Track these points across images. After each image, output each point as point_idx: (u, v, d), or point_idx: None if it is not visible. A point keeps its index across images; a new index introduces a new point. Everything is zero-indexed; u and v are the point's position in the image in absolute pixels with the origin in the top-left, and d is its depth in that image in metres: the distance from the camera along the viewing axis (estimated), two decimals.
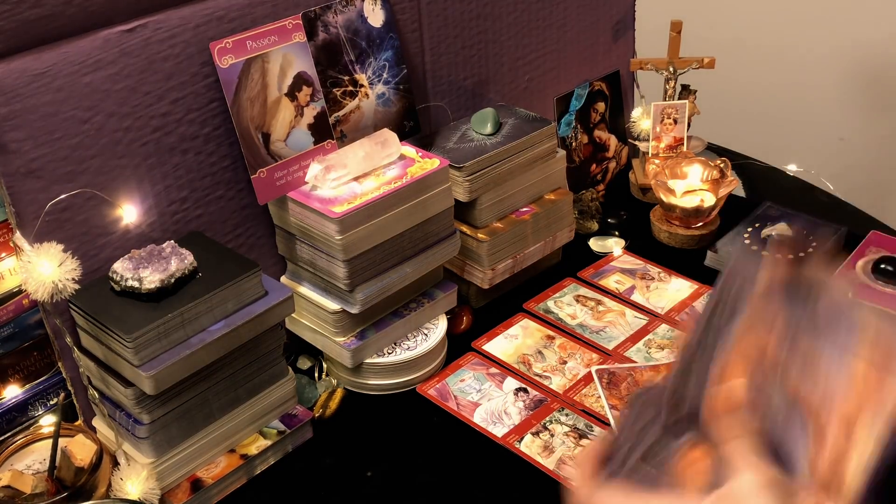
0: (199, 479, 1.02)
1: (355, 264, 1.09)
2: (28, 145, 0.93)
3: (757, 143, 1.73)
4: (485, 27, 1.36)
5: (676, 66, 1.53)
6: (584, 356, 1.21)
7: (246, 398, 1.05)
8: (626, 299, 1.32)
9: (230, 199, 1.13)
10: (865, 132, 2.17)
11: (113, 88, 0.98)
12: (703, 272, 1.37)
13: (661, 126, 1.53)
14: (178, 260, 0.96)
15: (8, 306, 1.04)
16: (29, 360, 1.08)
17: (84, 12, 0.95)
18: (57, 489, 0.93)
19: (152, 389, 0.92)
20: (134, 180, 1.03)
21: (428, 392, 1.17)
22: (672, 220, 1.45)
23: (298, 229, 1.13)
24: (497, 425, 1.11)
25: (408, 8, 1.25)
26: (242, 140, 1.07)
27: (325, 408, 1.14)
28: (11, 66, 0.91)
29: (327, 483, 1.05)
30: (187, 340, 0.95)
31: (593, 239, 1.46)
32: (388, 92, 1.21)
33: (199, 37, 1.04)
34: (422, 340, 1.19)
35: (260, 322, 1.00)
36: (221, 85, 1.05)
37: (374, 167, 1.14)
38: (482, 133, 1.28)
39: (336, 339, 1.15)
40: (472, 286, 1.30)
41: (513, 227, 1.28)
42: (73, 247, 0.96)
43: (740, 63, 2.04)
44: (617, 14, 1.58)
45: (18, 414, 1.08)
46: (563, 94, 1.49)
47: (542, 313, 1.30)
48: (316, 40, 1.13)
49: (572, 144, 1.51)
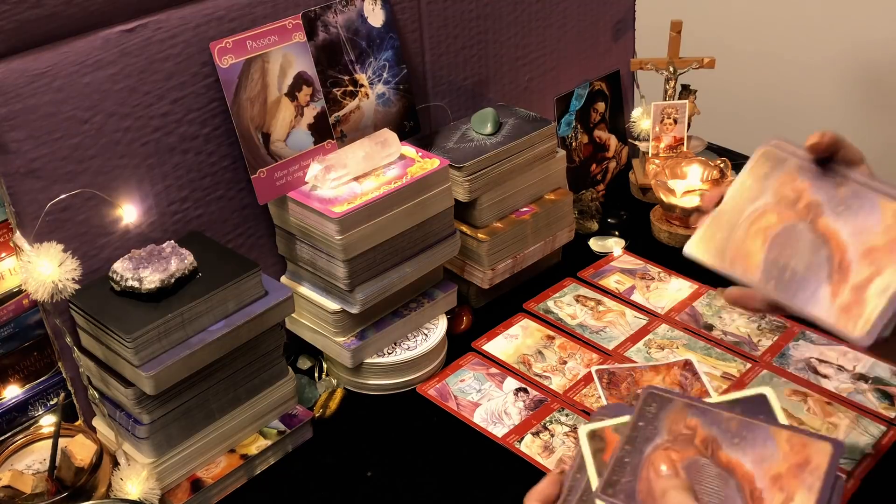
0: (199, 479, 1.02)
1: (355, 264, 1.09)
2: (28, 145, 0.93)
3: (757, 144, 1.73)
4: (485, 27, 1.36)
5: (676, 66, 1.53)
6: (584, 356, 1.21)
7: (246, 398, 1.05)
8: (626, 299, 1.32)
9: (230, 199, 1.13)
10: (865, 132, 2.17)
11: (113, 88, 0.98)
12: (703, 272, 1.36)
13: (661, 126, 1.53)
14: (178, 260, 0.96)
15: (8, 306, 1.04)
16: (29, 360, 1.08)
17: (84, 12, 0.95)
18: (57, 489, 0.93)
19: (152, 389, 0.92)
20: (134, 180, 1.03)
21: (428, 392, 1.17)
22: (672, 220, 1.45)
23: (298, 229, 1.13)
24: (497, 425, 1.11)
25: (408, 8, 1.25)
26: (242, 140, 1.07)
27: (325, 408, 1.14)
28: (11, 66, 0.91)
29: (327, 483, 1.05)
30: (187, 340, 0.95)
31: (593, 239, 1.46)
32: (388, 92, 1.21)
33: (199, 37, 1.04)
34: (422, 340, 1.19)
35: (260, 322, 1.00)
36: (221, 85, 1.05)
37: (374, 167, 1.14)
38: (482, 133, 1.28)
39: (336, 339, 1.15)
40: (472, 286, 1.30)
41: (513, 227, 1.28)
42: (73, 247, 0.96)
43: (740, 63, 2.04)
44: (617, 14, 1.58)
45: (18, 414, 1.08)
46: (563, 94, 1.49)
47: (542, 313, 1.30)
48: (316, 40, 1.13)
49: (572, 144, 1.51)
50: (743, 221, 0.79)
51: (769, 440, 0.70)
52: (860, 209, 0.75)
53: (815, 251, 0.75)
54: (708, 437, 0.70)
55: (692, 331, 1.24)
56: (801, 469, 0.68)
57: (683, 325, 1.25)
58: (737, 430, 0.70)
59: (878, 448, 1.03)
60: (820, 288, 0.73)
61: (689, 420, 0.72)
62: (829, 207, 0.76)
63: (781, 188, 0.79)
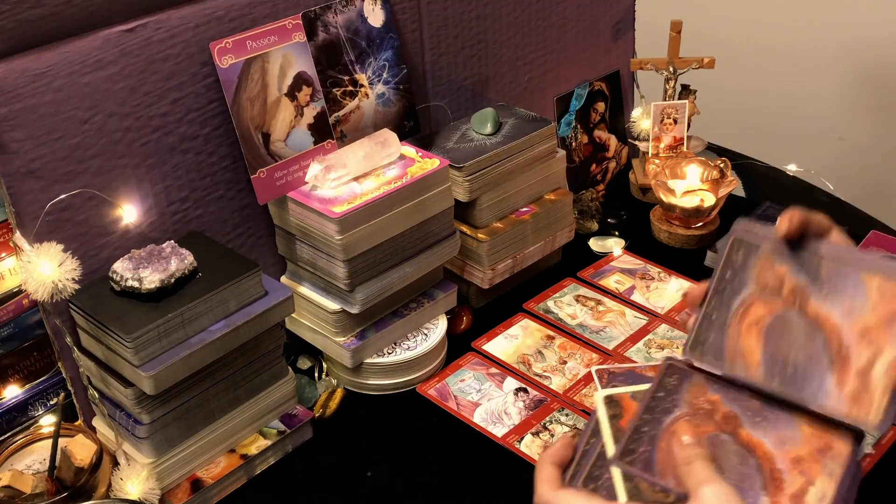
0: (199, 479, 1.02)
1: (355, 264, 1.09)
2: (28, 145, 0.93)
3: (757, 143, 1.73)
4: (485, 27, 1.36)
5: (676, 66, 1.53)
6: (583, 356, 1.21)
7: (246, 398, 1.05)
8: (626, 299, 1.32)
9: (230, 199, 1.13)
10: (865, 132, 2.17)
11: (113, 88, 0.98)
12: (703, 272, 1.37)
13: (661, 126, 1.53)
14: (178, 260, 0.96)
15: (8, 306, 1.04)
16: (29, 360, 1.08)
17: (84, 12, 0.95)
18: (57, 489, 0.93)
19: (152, 389, 0.92)
20: (134, 180, 1.03)
21: (428, 392, 1.17)
22: (672, 220, 1.45)
23: (298, 229, 1.13)
24: (497, 425, 1.11)
25: (408, 8, 1.25)
26: (242, 140, 1.07)
27: (325, 408, 1.14)
28: (11, 66, 0.91)
29: (327, 483, 1.05)
30: (187, 340, 0.95)
31: (593, 239, 1.46)
32: (388, 92, 1.21)
33: (199, 37, 1.04)
34: (422, 340, 1.19)
35: (260, 322, 1.00)
36: (221, 85, 1.05)
37: (374, 167, 1.14)
38: (482, 133, 1.28)
39: (336, 339, 1.15)
40: (472, 286, 1.30)
41: (513, 227, 1.28)
42: (73, 247, 0.96)
43: (740, 63, 2.04)
44: (617, 14, 1.58)
45: (18, 414, 1.08)
46: (563, 94, 1.49)
47: (542, 313, 1.30)
48: (316, 40, 1.13)
49: (572, 144, 1.51)
50: (731, 318, 0.76)
51: (791, 422, 0.69)
52: (845, 288, 0.74)
53: (811, 339, 0.73)
54: (729, 413, 0.70)
55: None
56: (822, 454, 0.67)
57: (683, 324, 1.25)
58: (759, 410, 0.70)
59: (878, 448, 1.03)
60: (825, 379, 0.72)
61: (710, 395, 0.71)
62: (814, 290, 0.74)
63: (762, 276, 0.77)
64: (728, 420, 0.69)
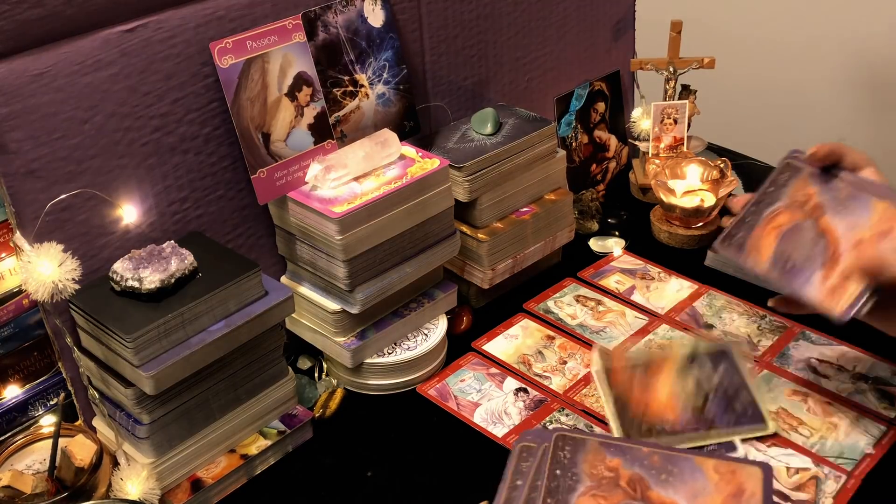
0: (199, 479, 1.02)
1: (355, 264, 1.09)
2: (28, 145, 0.93)
3: (757, 143, 1.73)
4: (485, 27, 1.36)
5: (676, 66, 1.53)
6: (584, 356, 1.21)
7: (246, 398, 1.05)
8: (626, 299, 1.32)
9: (230, 199, 1.13)
10: (865, 132, 2.17)
11: (113, 88, 0.98)
12: (703, 272, 1.37)
13: (661, 126, 1.53)
14: (178, 260, 0.96)
15: (8, 306, 1.05)
16: (29, 360, 1.08)
17: (84, 12, 0.95)
18: (57, 489, 0.93)
19: (152, 389, 0.92)
20: (134, 180, 1.03)
21: (428, 392, 1.17)
22: (672, 220, 1.45)
23: (298, 229, 1.13)
24: (497, 425, 1.11)
25: (408, 8, 1.25)
26: (242, 140, 1.07)
27: (325, 408, 1.14)
28: (11, 66, 0.91)
29: (327, 483, 1.05)
30: (187, 340, 0.95)
31: (593, 239, 1.46)
32: (388, 92, 1.21)
33: (199, 37, 1.04)
34: (422, 340, 1.19)
35: (260, 322, 1.00)
36: (221, 85, 1.05)
37: (374, 167, 1.14)
38: (482, 133, 1.28)
39: (336, 339, 1.15)
40: (472, 286, 1.30)
41: (513, 227, 1.28)
42: (73, 247, 0.96)
43: (740, 63, 2.04)
44: (617, 14, 1.58)
45: (18, 414, 1.08)
46: (563, 94, 1.49)
47: (542, 313, 1.30)
48: (316, 40, 1.13)
49: (572, 144, 1.51)
50: (760, 222, 0.93)
51: (697, 471, 0.71)
52: (856, 208, 0.87)
53: (815, 244, 0.87)
54: (633, 476, 0.70)
55: (692, 331, 1.24)
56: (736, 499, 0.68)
57: (683, 325, 1.25)
58: (661, 466, 0.71)
59: (878, 448, 1.03)
60: (814, 274, 0.86)
61: (608, 461, 0.72)
62: (831, 208, 0.89)
63: (795, 193, 0.93)
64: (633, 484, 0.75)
